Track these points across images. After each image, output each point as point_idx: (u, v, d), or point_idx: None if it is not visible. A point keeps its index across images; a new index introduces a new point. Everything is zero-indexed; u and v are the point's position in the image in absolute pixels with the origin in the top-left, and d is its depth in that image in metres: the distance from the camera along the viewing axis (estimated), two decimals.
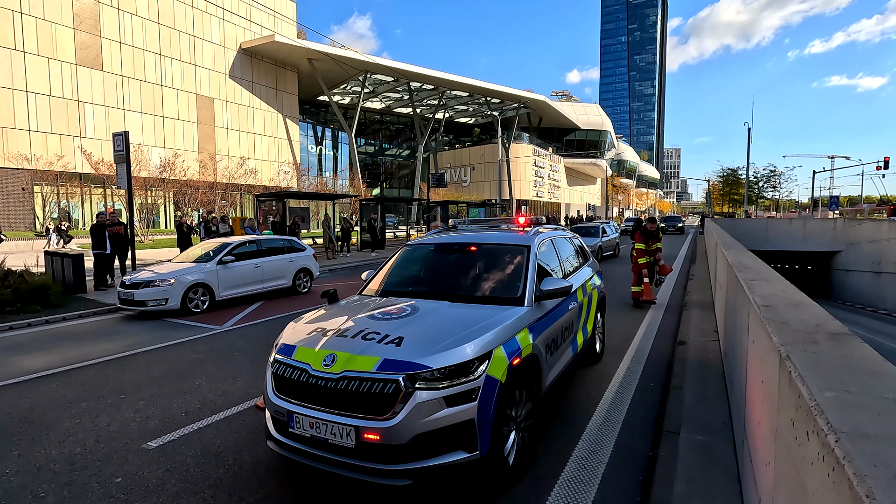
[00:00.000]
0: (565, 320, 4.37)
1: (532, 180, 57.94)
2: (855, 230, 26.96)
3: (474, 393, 2.85)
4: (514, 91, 49.93)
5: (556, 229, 5.54)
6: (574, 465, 3.44)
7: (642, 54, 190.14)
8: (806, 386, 1.41)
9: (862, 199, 65.65)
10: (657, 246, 9.76)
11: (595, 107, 71.16)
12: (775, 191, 64.77)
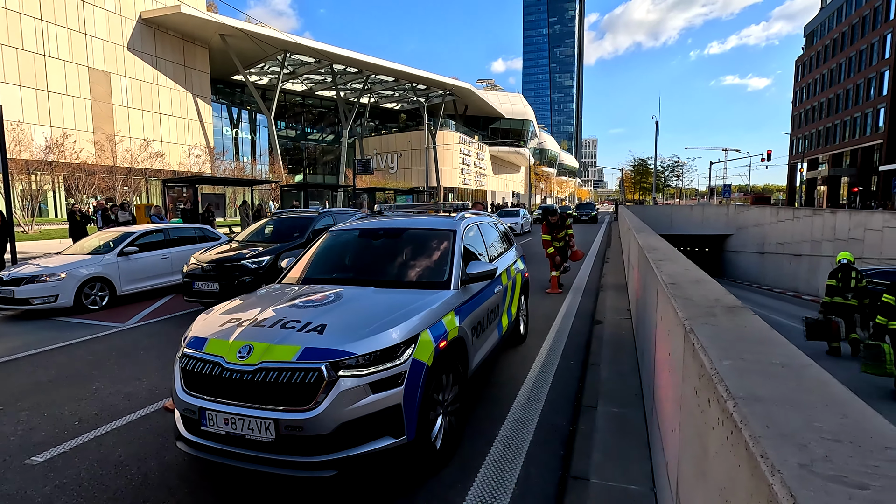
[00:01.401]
0: (491, 303, 4.45)
1: (459, 168, 58.52)
2: (743, 215, 30.06)
3: (401, 378, 2.81)
4: (439, 78, 49.89)
5: (480, 215, 5.61)
6: (500, 445, 3.52)
7: (562, 47, 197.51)
8: (707, 356, 1.50)
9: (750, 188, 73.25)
10: (566, 234, 9.95)
11: (518, 96, 73.01)
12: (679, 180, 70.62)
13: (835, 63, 50.52)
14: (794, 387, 1.25)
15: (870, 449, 0.93)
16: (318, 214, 9.21)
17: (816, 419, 1.07)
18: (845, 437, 0.99)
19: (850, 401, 1.16)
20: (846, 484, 0.82)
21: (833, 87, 50.83)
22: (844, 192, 47.32)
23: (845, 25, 48.71)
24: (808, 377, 1.32)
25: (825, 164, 51.61)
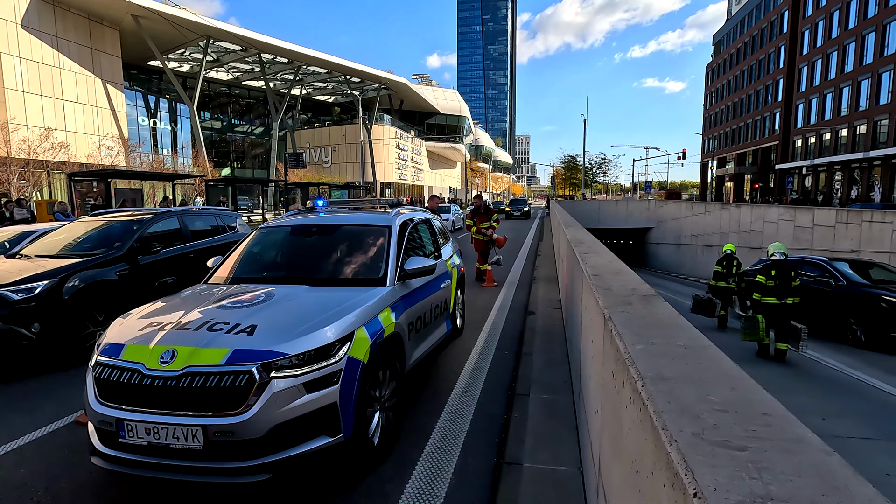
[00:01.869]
0: (436, 298, 4.54)
1: (395, 163, 58.13)
2: (662, 210, 32.28)
3: (336, 376, 2.78)
4: (374, 71, 49.19)
5: (416, 210, 5.64)
6: (437, 437, 3.59)
7: (495, 45, 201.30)
8: (622, 341, 1.63)
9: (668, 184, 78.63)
10: (489, 224, 9.95)
11: (454, 92, 73.62)
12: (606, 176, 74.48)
13: (739, 70, 55.36)
14: (694, 366, 1.39)
15: (750, 416, 1.07)
16: (153, 217, 6.75)
17: (710, 393, 1.20)
18: (732, 407, 1.12)
19: (739, 376, 1.31)
20: (729, 447, 0.94)
21: (738, 92, 55.70)
22: (748, 188, 52.13)
23: (747, 36, 53.49)
24: (706, 357, 1.47)
25: (732, 163, 56.55)
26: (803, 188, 42.05)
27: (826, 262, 10.13)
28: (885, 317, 8.44)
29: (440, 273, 4.95)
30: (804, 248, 15.66)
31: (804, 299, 8.42)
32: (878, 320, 8.53)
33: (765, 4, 50.19)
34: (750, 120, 52.24)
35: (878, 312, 8.54)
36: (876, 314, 8.57)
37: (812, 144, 40.58)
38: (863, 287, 9.10)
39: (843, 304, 9.20)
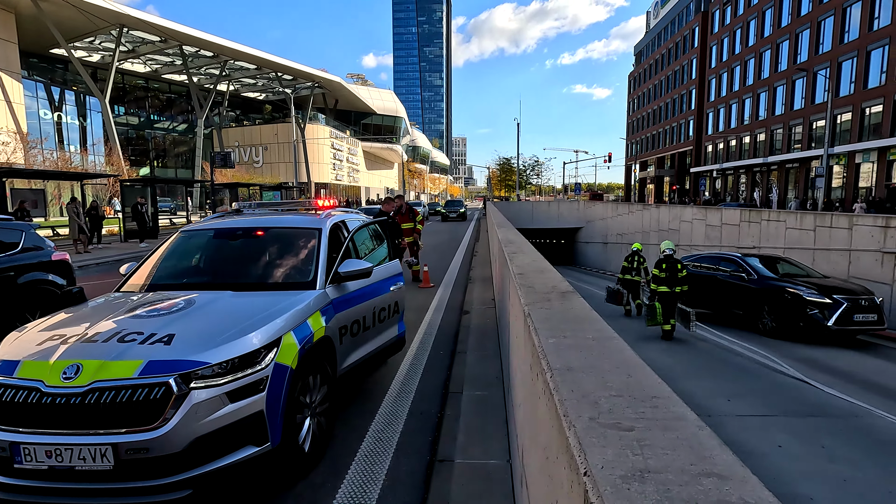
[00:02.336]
0: (377, 302, 4.39)
1: (331, 163, 56.86)
2: (591, 210, 33.96)
3: (262, 383, 2.71)
4: (307, 69, 47.85)
5: (349, 212, 5.57)
6: (371, 440, 3.58)
7: (431, 47, 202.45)
8: (538, 336, 1.73)
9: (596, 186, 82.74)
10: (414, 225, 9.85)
11: (390, 93, 73.20)
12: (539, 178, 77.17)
13: (657, 80, 59.40)
14: (598, 356, 1.51)
15: (641, 399, 1.18)
16: None
17: (609, 381, 1.31)
18: (626, 392, 1.23)
19: (637, 364, 1.44)
20: (619, 428, 1.04)
21: (657, 100, 59.73)
22: (667, 189, 56.05)
23: (664, 49, 57.52)
24: (610, 348, 1.60)
25: (653, 166, 60.55)
26: (714, 190, 45.83)
27: (740, 257, 10.98)
28: (789, 307, 9.25)
29: (389, 275, 4.85)
30: (714, 244, 17.11)
31: (726, 293, 10.14)
32: (783, 311, 9.34)
33: (679, 20, 54.22)
34: (668, 126, 56.19)
35: (783, 304, 9.35)
36: (781, 305, 9.37)
37: (721, 150, 44.35)
38: (770, 280, 9.93)
39: (754, 296, 9.96)
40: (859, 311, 8.92)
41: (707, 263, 11.84)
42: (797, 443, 4.85)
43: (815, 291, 9.13)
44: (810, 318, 8.94)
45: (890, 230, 10.32)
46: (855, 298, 9.03)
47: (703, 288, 11.29)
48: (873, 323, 9.02)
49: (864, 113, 28.40)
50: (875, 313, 9.02)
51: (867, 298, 9.15)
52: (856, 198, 27.98)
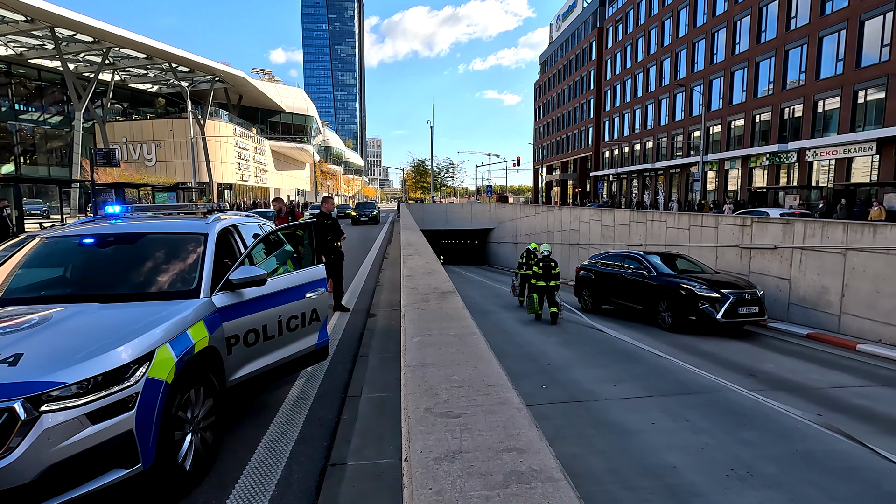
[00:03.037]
0: (284, 310, 4.15)
1: (236, 162, 53.54)
2: (502, 212, 35.31)
3: (131, 401, 2.53)
4: (205, 61, 44.64)
5: (244, 215, 5.33)
6: (263, 450, 3.47)
7: (343, 45, 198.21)
8: (406, 335, 1.82)
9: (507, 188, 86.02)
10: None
11: (300, 91, 70.57)
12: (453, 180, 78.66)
13: (560, 89, 63.20)
14: (455, 351, 1.63)
15: (478, 389, 1.31)
16: None
17: (456, 373, 1.42)
18: (468, 382, 1.35)
19: (486, 356, 1.57)
20: (449, 416, 1.14)
21: (560, 107, 63.53)
22: (570, 192, 59.81)
23: (566, 59, 61.35)
24: (468, 343, 1.73)
25: (558, 170, 64.28)
26: (611, 193, 49.72)
27: (642, 255, 11.48)
28: (683, 303, 9.77)
29: (306, 281, 4.62)
30: (608, 243, 18.60)
31: (629, 289, 11.09)
32: (678, 306, 9.86)
33: (578, 34, 58.15)
34: (570, 133, 60.00)
35: (678, 299, 9.87)
36: (677, 301, 9.89)
37: (616, 156, 48.23)
38: (667, 277, 10.45)
39: (654, 292, 10.47)
40: (743, 304, 9.52)
41: (613, 261, 12.32)
42: (668, 419, 5.46)
43: (706, 287, 9.67)
44: (702, 312, 9.50)
45: (746, 228, 11.92)
46: (740, 292, 9.64)
47: (610, 285, 11.95)
48: (755, 315, 9.68)
49: (730, 125, 32.40)
50: (757, 305, 9.68)
51: (750, 292, 9.77)
52: (726, 200, 31.84)
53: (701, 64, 35.22)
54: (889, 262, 8.81)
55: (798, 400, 6.08)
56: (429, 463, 0.93)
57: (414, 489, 0.86)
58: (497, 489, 0.83)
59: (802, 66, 26.48)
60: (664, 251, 13.07)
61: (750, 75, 30.26)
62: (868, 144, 22.58)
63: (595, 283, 12.66)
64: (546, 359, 8.07)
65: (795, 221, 10.79)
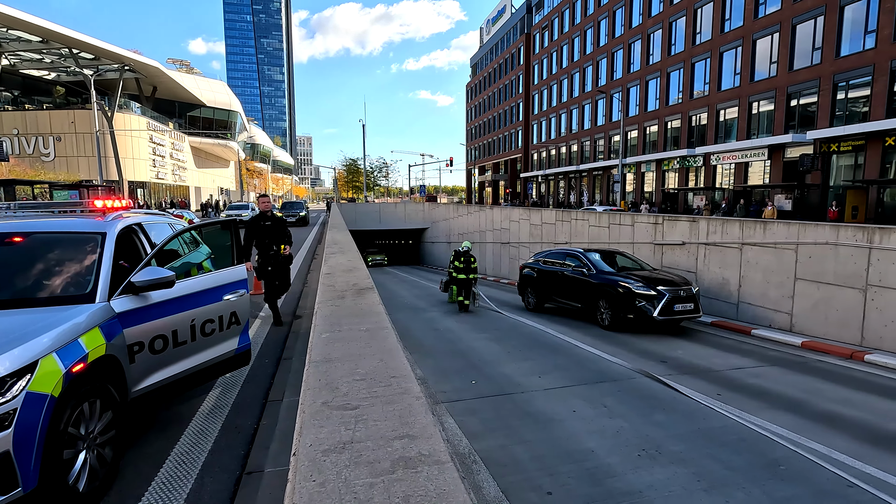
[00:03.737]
0: (199, 313, 3.88)
1: (150, 159, 49.68)
2: (435, 212, 35.52)
3: (7, 419, 2.27)
4: (111, 47, 41.03)
5: (151, 214, 4.96)
6: (172, 464, 3.25)
7: (269, 38, 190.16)
8: (315, 331, 1.77)
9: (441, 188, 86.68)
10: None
11: (222, 84, 66.81)
12: (387, 180, 78.03)
13: (491, 91, 64.65)
14: (363, 346, 1.61)
15: (380, 380, 1.30)
16: None
17: (360, 367, 1.41)
18: (371, 375, 1.34)
19: (393, 349, 1.57)
20: (346, 408, 1.12)
21: (491, 110, 64.99)
22: (502, 192, 61.36)
23: (495, 63, 62.86)
24: (378, 337, 1.71)
25: (490, 171, 65.71)
26: (540, 193, 51.61)
27: (582, 252, 11.28)
28: (621, 301, 9.64)
29: (224, 283, 4.33)
30: (536, 241, 19.29)
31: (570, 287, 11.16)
32: (617, 304, 9.72)
33: (507, 39, 59.79)
34: (501, 135, 61.56)
35: (616, 297, 9.73)
36: (615, 299, 9.76)
37: (544, 158, 50.13)
38: (606, 275, 10.29)
39: (593, 290, 10.30)
40: (679, 301, 9.43)
41: (555, 258, 12.16)
42: (588, 406, 5.75)
43: (643, 284, 9.56)
44: (639, 310, 9.40)
45: (658, 226, 12.84)
46: (675, 289, 9.54)
47: (552, 283, 11.80)
48: (690, 312, 9.59)
49: (646, 131, 34.74)
50: (692, 302, 9.58)
51: (685, 289, 9.67)
52: (643, 200, 34.12)
53: (620, 72, 37.46)
54: (777, 254, 9.85)
55: (701, 382, 6.63)
56: (317, 455, 0.91)
57: (296, 483, 0.84)
58: (383, 475, 0.83)
59: (707, 78, 28.95)
60: (606, 248, 12.82)
61: (662, 84, 32.62)
62: (761, 150, 25.13)
63: (537, 282, 12.42)
64: (476, 355, 8.22)
65: (700, 219, 11.77)
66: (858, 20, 20.57)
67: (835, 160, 21.87)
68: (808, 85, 22.65)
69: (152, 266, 4.00)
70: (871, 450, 4.63)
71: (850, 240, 8.57)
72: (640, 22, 34.89)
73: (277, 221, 7.11)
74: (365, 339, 1.66)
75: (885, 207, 19.83)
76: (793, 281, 9.58)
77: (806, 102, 22.91)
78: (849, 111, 21.13)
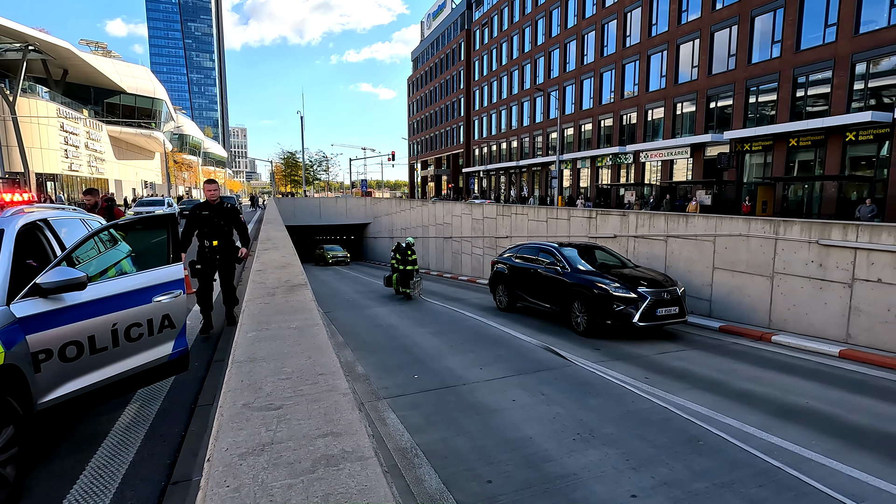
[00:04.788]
0: (119, 317, 3.58)
1: (62, 149, 45.43)
2: (377, 206, 35.11)
3: None
4: (12, 24, 37.04)
5: (61, 209, 4.55)
6: (88, 478, 3.01)
7: (197, 22, 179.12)
8: (241, 330, 1.69)
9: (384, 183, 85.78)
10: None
11: (144, 70, 62.24)
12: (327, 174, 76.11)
13: (433, 86, 64.64)
14: (292, 343, 1.55)
15: (307, 378, 1.26)
16: None
17: (287, 365, 1.36)
18: (298, 373, 1.30)
19: (323, 346, 1.53)
20: (269, 409, 1.08)
21: (433, 104, 65.00)
22: (445, 187, 61.67)
23: (437, 58, 62.89)
24: (308, 335, 1.66)
25: (432, 166, 65.80)
26: (482, 188, 52.36)
27: (556, 248, 10.20)
28: (598, 304, 8.57)
29: (155, 283, 3.97)
30: (478, 234, 19.58)
31: (542, 287, 10.00)
32: (593, 307, 8.62)
33: (448, 34, 59.95)
34: (443, 130, 61.77)
35: (592, 299, 8.63)
36: (591, 301, 8.66)
37: (486, 153, 50.87)
38: (581, 274, 9.24)
39: (567, 291, 9.22)
40: (662, 304, 8.45)
41: (528, 254, 11.00)
42: (527, 395, 5.92)
43: (622, 285, 8.56)
44: (618, 315, 8.40)
45: (592, 220, 13.43)
46: (658, 291, 8.53)
47: (523, 281, 10.70)
48: (675, 316, 8.56)
49: (581, 129, 36.14)
50: (676, 306, 8.56)
51: (670, 290, 8.64)
52: (579, 195, 35.51)
53: (556, 71, 38.67)
54: (697, 246, 10.60)
55: (631, 367, 7.02)
56: (233, 460, 0.86)
57: (208, 489, 0.79)
58: (303, 476, 0.81)
59: (636, 80, 30.52)
60: (583, 242, 11.40)
61: (596, 84, 34.03)
62: (684, 149, 26.89)
63: (509, 279, 11.19)
64: (419, 349, 8.23)
65: (630, 214, 12.42)
66: (766, 31, 22.46)
67: (748, 159, 23.82)
68: (724, 88, 24.46)
69: (62, 266, 3.67)
70: (777, 422, 5.10)
71: (760, 232, 9.37)
72: (575, 23, 36.16)
73: (218, 211, 6.33)
74: (294, 336, 1.61)
75: (790, 202, 21.87)
76: (711, 270, 10.34)
77: (723, 105, 24.75)
78: (759, 114, 23.06)
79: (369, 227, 36.20)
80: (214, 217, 6.30)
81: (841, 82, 19.42)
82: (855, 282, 7.99)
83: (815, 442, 4.62)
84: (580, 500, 3.65)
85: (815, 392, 6.08)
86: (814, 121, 19.83)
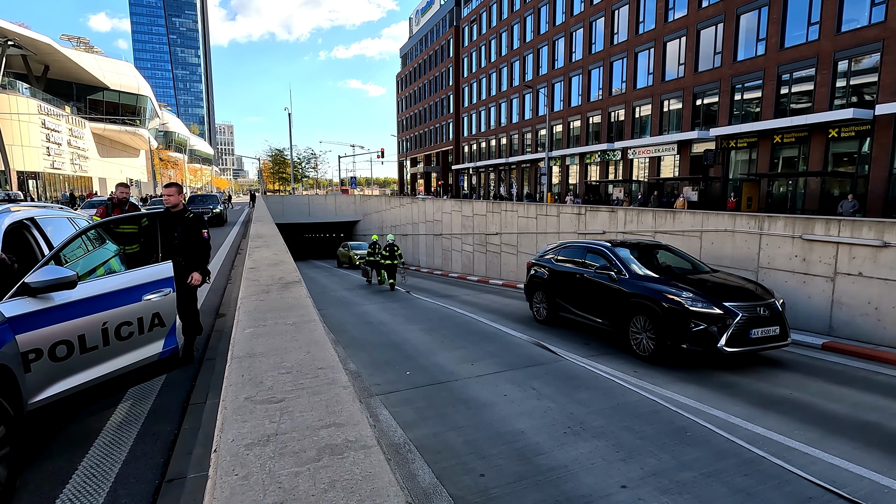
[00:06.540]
0: (108, 316, 3.55)
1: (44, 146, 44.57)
2: (367, 204, 35.02)
3: None
4: None
5: (46, 207, 4.50)
6: (80, 478, 3.00)
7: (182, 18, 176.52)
8: (238, 327, 1.71)
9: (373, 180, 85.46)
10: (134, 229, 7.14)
11: (128, 66, 61.27)
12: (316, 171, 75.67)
13: (422, 83, 64.46)
14: (289, 339, 1.58)
15: (307, 372, 1.29)
16: None
17: (286, 360, 1.38)
18: (297, 367, 1.32)
19: (320, 341, 1.55)
20: (271, 402, 1.11)
21: (422, 101, 64.84)
22: (434, 184, 61.63)
23: (426, 55, 62.71)
24: (305, 330, 1.69)
25: (422, 162, 65.68)
26: (471, 185, 52.41)
27: (608, 248, 8.25)
28: (667, 322, 6.61)
29: (144, 281, 3.93)
30: (468, 232, 19.64)
31: (590, 296, 8.20)
32: (662, 327, 6.66)
33: (436, 30, 59.79)
34: (432, 127, 61.67)
35: (659, 316, 6.70)
36: (658, 319, 6.71)
37: (475, 150, 50.91)
38: (642, 281, 7.27)
39: (625, 303, 7.31)
40: (757, 323, 6.46)
41: (572, 256, 9.00)
42: (517, 389, 5.99)
43: (700, 297, 6.57)
44: (697, 337, 6.41)
45: (581, 216, 13.55)
46: (751, 306, 6.53)
47: (567, 289, 8.75)
48: (775, 339, 6.58)
49: (569, 126, 36.32)
50: (777, 325, 6.58)
51: (766, 305, 6.63)
52: (568, 191, 35.72)
53: (545, 68, 38.79)
54: (685, 241, 10.75)
55: (619, 362, 7.13)
56: (239, 450, 0.89)
57: (217, 478, 0.82)
58: (308, 464, 0.84)
59: (624, 77, 30.74)
60: (643, 241, 9.32)
61: (584, 82, 34.21)
62: (671, 146, 27.17)
63: (549, 286, 9.22)
64: (410, 346, 8.26)
65: (618, 210, 12.56)
66: (751, 29, 22.75)
67: (733, 155, 24.15)
68: (710, 86, 24.75)
69: (51, 265, 3.65)
70: (761, 412, 5.23)
71: (745, 227, 9.54)
72: (564, 20, 36.28)
73: (176, 221, 4.76)
74: (291, 332, 1.63)
75: (774, 198, 22.23)
76: None
77: (709, 102, 25.04)
78: (744, 111, 23.39)
79: (359, 224, 36.11)
80: (168, 229, 4.75)
81: (824, 80, 19.77)
82: (837, 276, 8.18)
83: (797, 431, 4.75)
84: (571, 492, 3.72)
85: (797, 383, 6.22)
86: (797, 118, 20.16)
